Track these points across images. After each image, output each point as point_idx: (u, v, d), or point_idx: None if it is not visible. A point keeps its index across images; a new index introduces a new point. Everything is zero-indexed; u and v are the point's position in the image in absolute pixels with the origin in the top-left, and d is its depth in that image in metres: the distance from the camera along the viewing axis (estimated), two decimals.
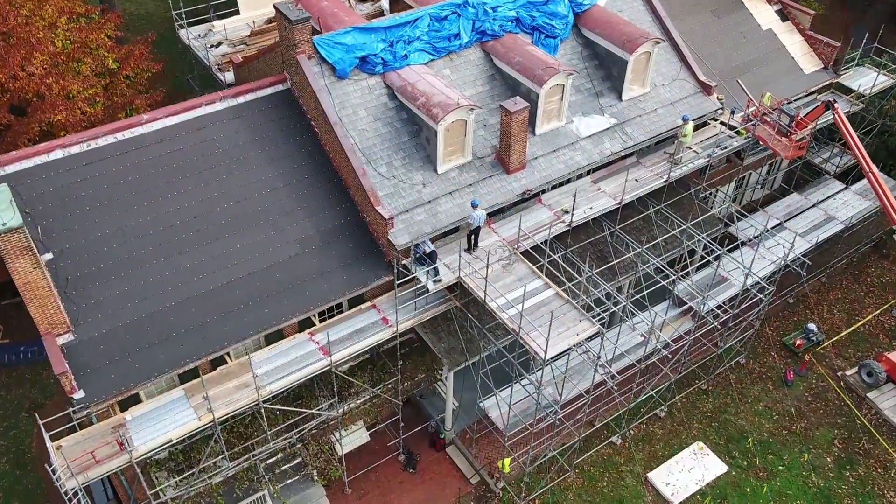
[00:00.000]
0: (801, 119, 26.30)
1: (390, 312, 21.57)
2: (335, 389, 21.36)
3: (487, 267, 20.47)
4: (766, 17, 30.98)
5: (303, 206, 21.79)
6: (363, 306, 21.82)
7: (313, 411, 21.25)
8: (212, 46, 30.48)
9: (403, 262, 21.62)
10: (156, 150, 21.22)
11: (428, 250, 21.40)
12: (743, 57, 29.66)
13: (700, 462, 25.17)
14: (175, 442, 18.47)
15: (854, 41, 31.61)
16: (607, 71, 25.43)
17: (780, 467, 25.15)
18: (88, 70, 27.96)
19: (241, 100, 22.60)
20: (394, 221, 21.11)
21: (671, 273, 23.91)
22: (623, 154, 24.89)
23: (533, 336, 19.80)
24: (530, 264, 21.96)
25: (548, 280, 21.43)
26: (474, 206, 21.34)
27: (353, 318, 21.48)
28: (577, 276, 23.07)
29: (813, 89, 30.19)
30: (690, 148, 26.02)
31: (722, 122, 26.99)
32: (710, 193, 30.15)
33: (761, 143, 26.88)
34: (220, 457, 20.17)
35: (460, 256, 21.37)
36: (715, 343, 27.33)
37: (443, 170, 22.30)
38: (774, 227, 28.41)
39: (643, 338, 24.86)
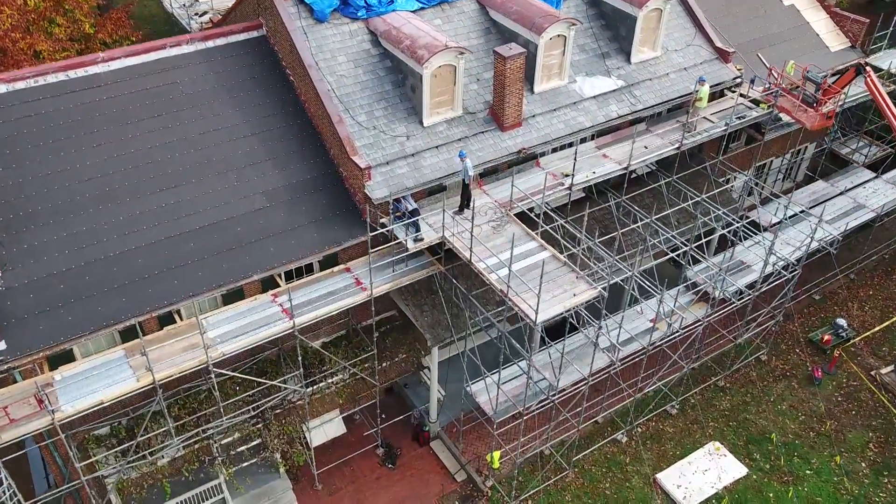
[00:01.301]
0: (829, 87, 23.92)
1: (365, 275, 19.22)
2: (300, 360, 18.87)
3: (472, 222, 18.09)
4: None
5: (272, 156, 19.66)
6: (336, 269, 19.48)
7: (276, 383, 18.77)
8: (196, 15, 28.89)
9: (382, 219, 19.35)
10: (111, 91, 19.24)
11: (410, 207, 19.11)
12: (762, 31, 27.43)
13: (716, 463, 22.27)
14: (107, 403, 16.00)
15: (880, 27, 29.34)
16: (615, 31, 23.34)
17: (808, 471, 22.18)
18: (63, 33, 26.40)
19: (210, 44, 20.70)
20: (371, 173, 18.91)
21: (684, 244, 21.34)
22: (631, 118, 22.66)
23: (524, 297, 17.36)
24: (524, 226, 19.60)
25: (543, 242, 19.04)
26: (462, 157, 19.13)
27: (323, 281, 19.13)
28: (577, 246, 20.61)
29: (839, 67, 27.86)
30: (706, 118, 23.73)
31: (741, 94, 24.66)
32: (728, 180, 27.70)
33: (784, 114, 24.53)
34: (164, 429, 17.70)
35: (444, 212, 19.02)
36: (734, 336, 24.60)
37: (429, 122, 20.15)
38: (798, 213, 25.81)
39: (651, 323, 22.19)
